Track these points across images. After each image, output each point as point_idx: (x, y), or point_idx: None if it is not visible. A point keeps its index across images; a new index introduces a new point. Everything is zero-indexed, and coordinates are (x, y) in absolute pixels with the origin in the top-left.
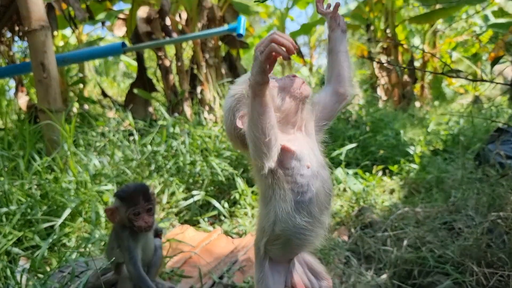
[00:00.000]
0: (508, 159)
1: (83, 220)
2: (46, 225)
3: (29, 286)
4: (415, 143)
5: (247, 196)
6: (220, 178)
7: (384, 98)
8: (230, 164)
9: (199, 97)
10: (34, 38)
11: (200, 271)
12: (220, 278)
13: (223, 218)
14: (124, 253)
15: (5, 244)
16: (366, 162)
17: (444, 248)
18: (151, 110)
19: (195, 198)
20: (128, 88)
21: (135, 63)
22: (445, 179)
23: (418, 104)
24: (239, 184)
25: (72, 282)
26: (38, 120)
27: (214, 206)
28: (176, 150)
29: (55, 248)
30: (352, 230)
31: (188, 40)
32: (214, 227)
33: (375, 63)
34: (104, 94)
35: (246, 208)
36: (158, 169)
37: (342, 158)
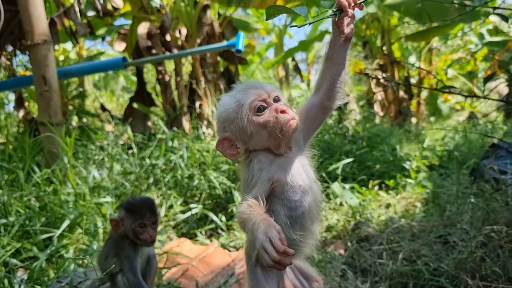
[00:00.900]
0: (502, 174)
1: (81, 232)
2: (44, 236)
3: None
4: (411, 158)
5: None
6: (217, 191)
7: (381, 114)
8: (227, 178)
9: (197, 111)
10: (36, 52)
11: (197, 283)
12: None
13: (220, 231)
14: (124, 261)
15: (3, 255)
16: (362, 177)
17: (439, 261)
18: (150, 124)
19: (193, 211)
20: (128, 102)
21: (134, 78)
22: (440, 194)
23: (414, 120)
24: (237, 198)
25: None
26: (38, 133)
27: (211, 219)
28: (174, 163)
29: (53, 259)
30: (349, 243)
31: (187, 55)
32: (211, 240)
33: (372, 79)
34: (103, 108)
35: None
36: (156, 182)
37: (339, 172)
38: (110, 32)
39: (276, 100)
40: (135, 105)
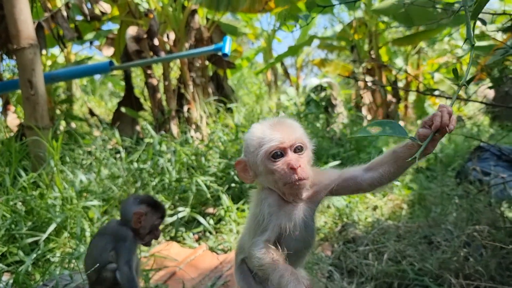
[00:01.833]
0: (486, 175)
1: (68, 236)
2: (31, 240)
3: None
4: None
5: (232, 212)
6: (205, 194)
7: (369, 118)
8: (215, 181)
9: (186, 115)
10: (22, 56)
11: (185, 286)
12: None
13: (208, 234)
14: (123, 254)
15: None
16: None
17: (424, 261)
18: (138, 128)
19: (180, 215)
20: (116, 107)
21: (122, 83)
22: (426, 196)
23: (402, 123)
24: (224, 201)
25: None
26: (25, 138)
27: (199, 223)
28: (162, 167)
29: (39, 263)
30: (335, 245)
31: (175, 59)
32: (199, 244)
33: (359, 83)
34: (91, 113)
35: (231, 224)
36: (144, 186)
37: None
38: (98, 36)
39: (298, 150)
40: (123, 109)
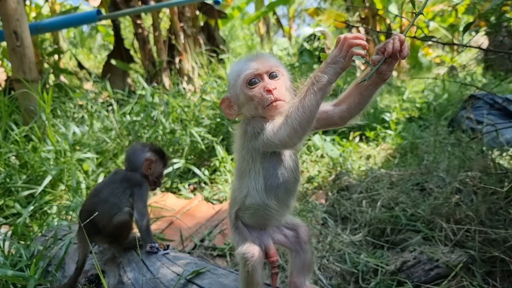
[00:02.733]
0: (479, 124)
1: (64, 189)
2: (27, 193)
3: (12, 250)
4: (391, 110)
5: (226, 163)
6: (200, 146)
7: (362, 68)
8: (209, 132)
9: (177, 67)
10: (5, 5)
11: (182, 234)
12: (201, 241)
13: (203, 185)
14: (141, 197)
15: None
16: (343, 129)
17: (416, 208)
18: (129, 81)
19: (176, 166)
20: (105, 60)
21: (112, 33)
22: (419, 145)
23: (395, 73)
24: (219, 152)
25: (55, 244)
26: (13, 92)
27: (194, 174)
28: (155, 120)
29: (37, 215)
30: (329, 193)
31: (165, 7)
32: (194, 194)
33: (353, 31)
34: (80, 66)
35: (226, 175)
36: (138, 138)
37: None
38: None
39: (273, 76)
40: (113, 61)
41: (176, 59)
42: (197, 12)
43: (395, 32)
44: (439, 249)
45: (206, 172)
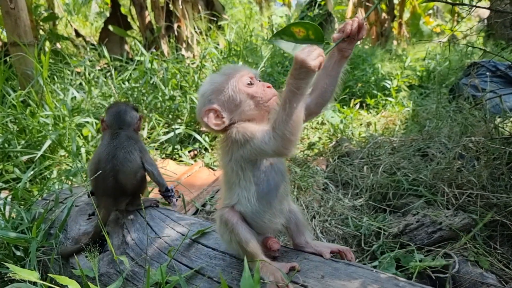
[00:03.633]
0: (482, 91)
1: (63, 154)
2: (26, 157)
3: (13, 214)
4: (393, 77)
5: None
6: None
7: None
8: None
9: (175, 33)
10: None
11: (184, 199)
12: (203, 206)
13: (204, 152)
14: (146, 152)
15: None
16: (343, 96)
17: (418, 173)
18: (127, 48)
19: (177, 132)
20: (102, 26)
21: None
22: (420, 112)
23: (395, 42)
24: None
25: (57, 207)
26: (9, 59)
27: (194, 141)
28: (155, 86)
29: (37, 180)
30: (330, 160)
31: None
32: (195, 161)
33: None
34: (76, 33)
35: None
36: (137, 104)
37: None
38: None
39: (260, 81)
40: (111, 27)
41: (175, 26)
42: None
43: (357, 15)
44: (442, 212)
45: (207, 139)
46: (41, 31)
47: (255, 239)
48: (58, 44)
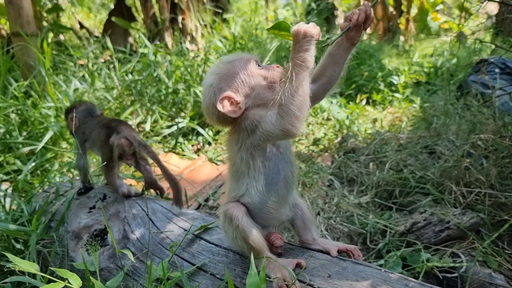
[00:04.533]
0: (489, 89)
1: (65, 147)
2: (27, 149)
3: (13, 206)
4: (400, 73)
5: None
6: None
7: (369, 31)
8: None
9: (180, 26)
10: None
11: (186, 193)
12: (206, 200)
13: (207, 146)
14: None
15: None
16: (350, 92)
17: (425, 170)
18: (130, 40)
19: (180, 125)
20: (106, 18)
21: None
22: (427, 109)
23: (402, 38)
24: None
25: (57, 199)
26: (12, 49)
27: (198, 135)
28: (158, 78)
29: (38, 172)
30: (336, 156)
31: None
32: (198, 155)
33: None
34: (80, 25)
35: None
36: (140, 97)
37: None
38: None
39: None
40: (114, 19)
41: (179, 18)
42: None
43: (365, 3)
44: (450, 210)
45: (210, 133)
46: (44, 23)
47: (261, 235)
48: (62, 36)
